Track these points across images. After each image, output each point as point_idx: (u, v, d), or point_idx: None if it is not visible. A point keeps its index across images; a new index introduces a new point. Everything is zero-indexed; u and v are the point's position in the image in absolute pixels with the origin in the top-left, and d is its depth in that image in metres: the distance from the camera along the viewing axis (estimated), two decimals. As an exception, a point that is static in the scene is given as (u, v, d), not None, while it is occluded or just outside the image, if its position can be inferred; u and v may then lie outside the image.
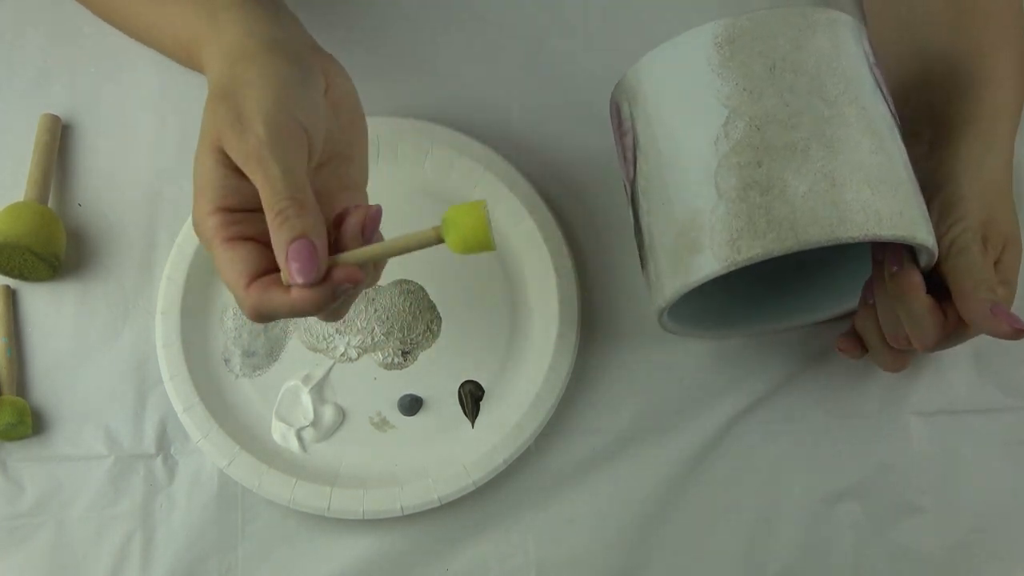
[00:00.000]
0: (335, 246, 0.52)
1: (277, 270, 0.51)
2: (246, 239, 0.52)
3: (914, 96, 0.68)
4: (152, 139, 0.77)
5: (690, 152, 0.59)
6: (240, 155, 0.51)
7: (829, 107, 0.57)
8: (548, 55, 0.80)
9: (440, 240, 0.51)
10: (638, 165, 0.62)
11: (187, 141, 0.76)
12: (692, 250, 0.57)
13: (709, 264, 0.57)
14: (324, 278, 0.50)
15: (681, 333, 0.69)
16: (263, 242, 0.52)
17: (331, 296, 0.50)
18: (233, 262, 0.51)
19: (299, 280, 0.49)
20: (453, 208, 0.50)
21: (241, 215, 0.52)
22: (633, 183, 0.63)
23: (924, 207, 0.59)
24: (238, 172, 0.52)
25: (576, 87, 0.79)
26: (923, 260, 0.60)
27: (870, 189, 0.56)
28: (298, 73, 0.54)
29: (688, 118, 0.59)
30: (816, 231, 0.54)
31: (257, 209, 0.51)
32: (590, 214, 0.76)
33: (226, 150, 0.51)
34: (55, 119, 0.75)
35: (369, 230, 0.53)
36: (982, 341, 0.73)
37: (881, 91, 0.60)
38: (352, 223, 0.52)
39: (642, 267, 0.65)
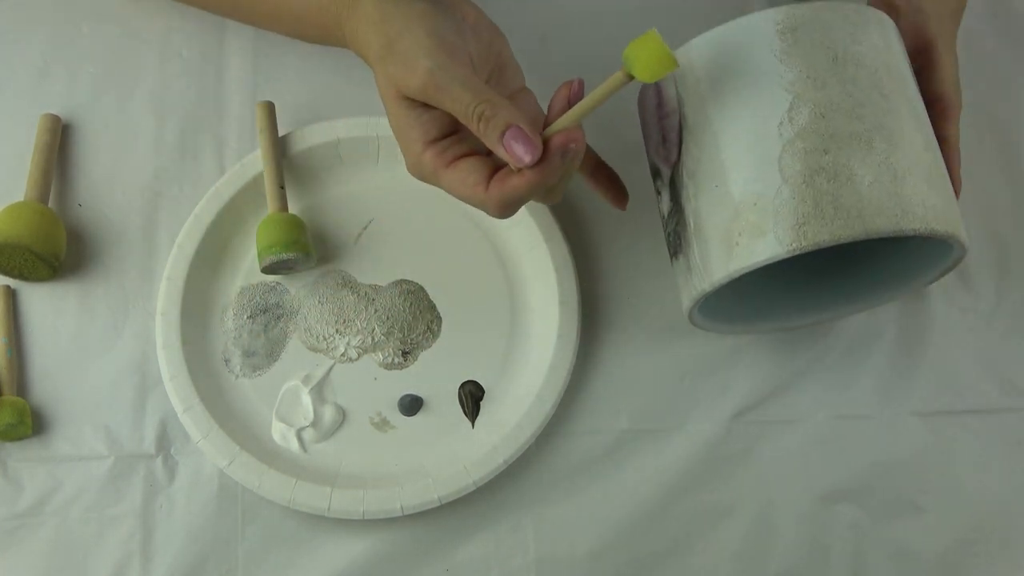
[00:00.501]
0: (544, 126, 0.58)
1: (501, 170, 0.56)
2: (463, 156, 0.57)
3: None
4: (152, 139, 0.77)
5: (751, 135, 0.58)
6: (420, 90, 0.56)
7: (887, 101, 0.58)
8: (549, 55, 0.80)
9: (630, 78, 0.54)
10: (685, 146, 0.61)
11: (187, 141, 0.76)
12: (752, 233, 0.57)
13: (772, 247, 0.56)
14: (545, 151, 0.54)
15: (705, 327, 0.69)
16: (479, 153, 0.57)
17: (559, 163, 0.55)
18: (463, 176, 0.56)
19: (526, 159, 0.54)
20: (630, 45, 0.54)
21: (448, 141, 0.58)
22: (676, 165, 0.62)
23: (956, 205, 0.60)
24: (427, 106, 0.57)
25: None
26: (955, 254, 0.61)
27: (927, 185, 0.57)
28: (438, 11, 0.59)
29: (750, 101, 0.59)
30: (882, 221, 0.55)
31: (459, 131, 0.58)
32: (590, 214, 0.76)
33: (407, 94, 0.57)
34: (55, 119, 0.75)
35: (576, 99, 0.57)
36: (981, 342, 0.74)
37: (919, 87, 0.62)
38: (558, 98, 0.58)
39: (673, 255, 0.64)
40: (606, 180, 0.68)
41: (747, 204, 0.58)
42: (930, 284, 0.66)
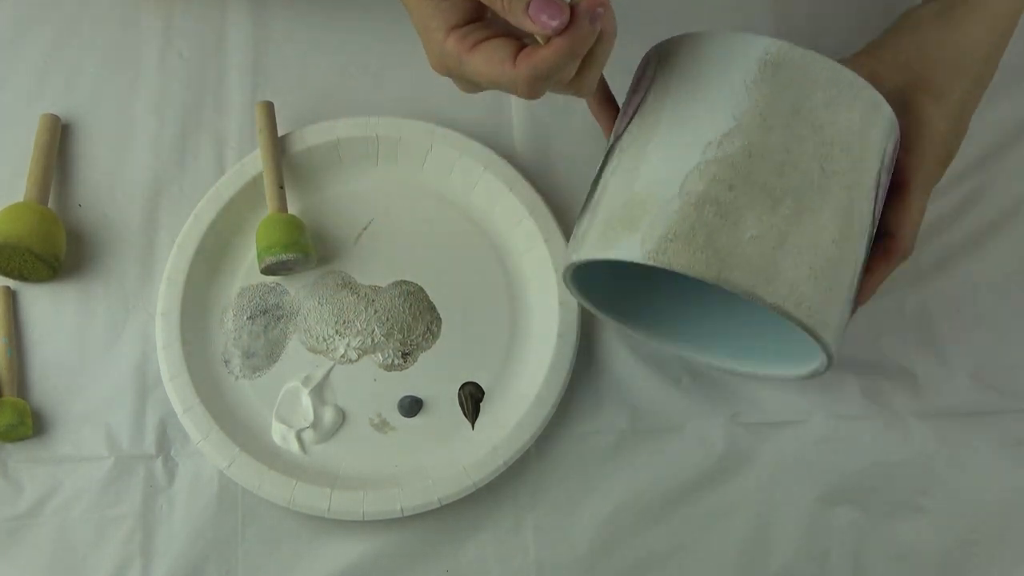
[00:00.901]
0: None
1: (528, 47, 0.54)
2: (487, 39, 0.54)
3: None
4: (152, 139, 0.77)
5: (680, 141, 0.58)
6: None
7: (823, 177, 0.56)
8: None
9: None
10: (632, 123, 0.61)
11: (187, 141, 0.76)
12: (626, 227, 0.56)
13: (632, 249, 0.56)
14: (573, 17, 0.51)
15: (582, 302, 0.68)
16: (502, 35, 0.54)
17: (587, 29, 0.51)
18: (488, 56, 0.54)
19: (553, 23, 0.51)
20: None
21: (470, 27, 0.55)
22: (619, 138, 0.62)
23: (845, 319, 0.59)
24: None
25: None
26: (820, 363, 0.60)
27: (809, 271, 0.55)
28: None
29: (698, 110, 0.58)
30: (739, 277, 0.54)
31: (482, 18, 0.55)
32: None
33: None
34: (55, 119, 0.75)
35: None
36: (982, 344, 0.74)
37: (876, 195, 0.60)
38: None
39: (578, 216, 0.63)
40: (610, 114, 0.66)
41: (640, 198, 0.57)
42: (801, 379, 0.66)
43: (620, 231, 0.57)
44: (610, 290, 0.68)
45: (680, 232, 0.55)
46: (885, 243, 0.62)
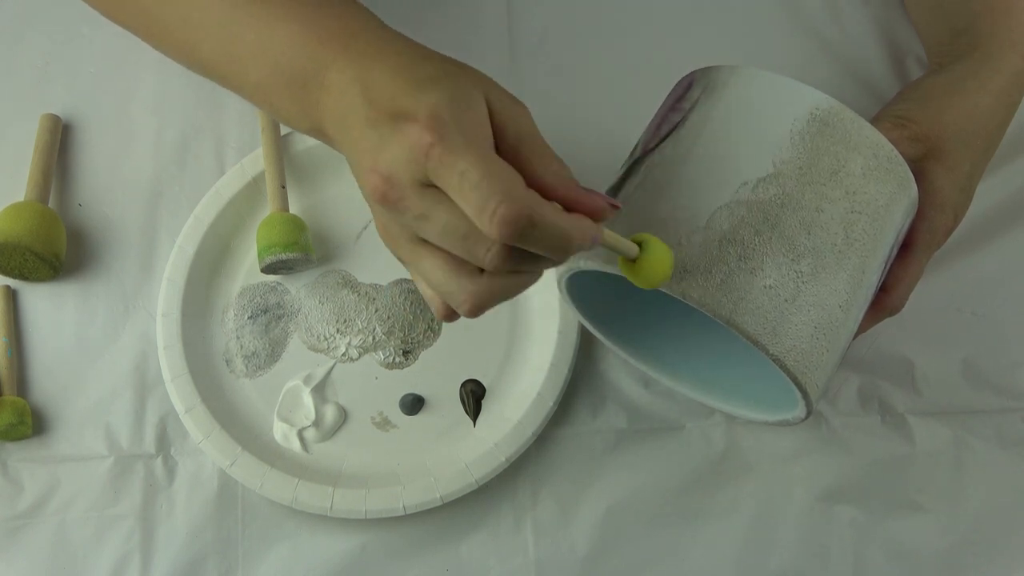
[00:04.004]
0: None
1: None
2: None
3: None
4: (152, 139, 0.77)
5: (715, 174, 0.57)
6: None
7: (845, 243, 0.56)
8: (550, 55, 0.80)
9: (631, 259, 0.51)
10: (665, 143, 0.60)
11: (187, 141, 0.76)
12: None
13: None
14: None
15: (569, 304, 0.67)
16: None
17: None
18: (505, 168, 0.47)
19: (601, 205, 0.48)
20: (655, 249, 0.51)
21: None
22: (649, 153, 0.61)
23: (830, 375, 0.58)
24: None
25: (578, 87, 0.79)
26: (797, 411, 0.60)
27: (813, 330, 0.55)
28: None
29: (738, 147, 0.57)
30: (748, 323, 0.54)
31: None
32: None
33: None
34: (55, 119, 0.75)
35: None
36: (981, 343, 0.74)
37: (884, 268, 0.60)
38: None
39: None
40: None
41: (663, 222, 0.56)
42: (768, 424, 0.66)
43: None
44: (597, 298, 0.68)
45: (699, 266, 0.54)
46: (877, 296, 0.62)
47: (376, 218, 0.51)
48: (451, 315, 0.51)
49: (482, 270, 0.47)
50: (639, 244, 0.51)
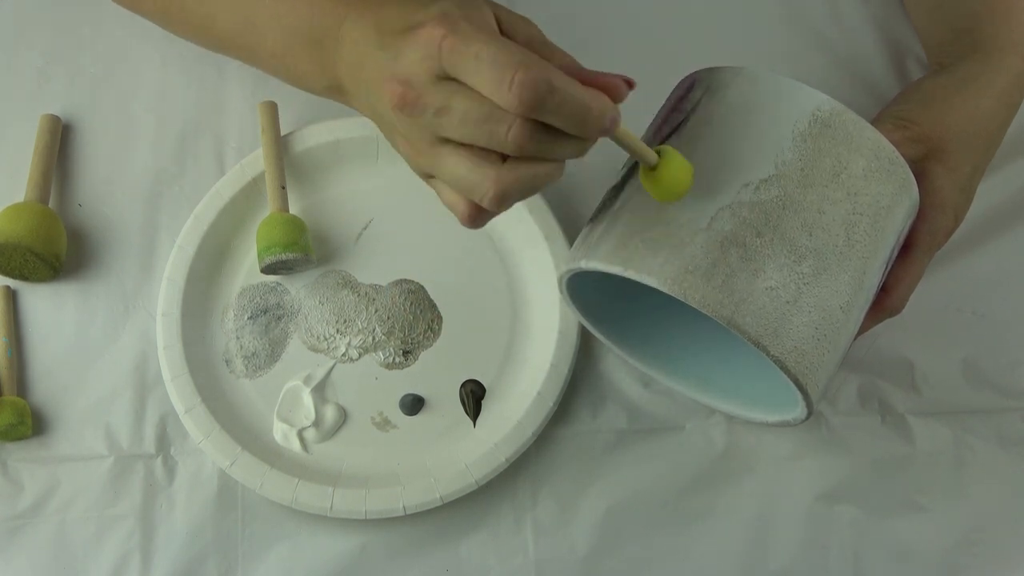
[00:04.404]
0: None
1: None
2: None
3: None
4: (152, 140, 0.77)
5: (717, 174, 0.57)
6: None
7: (847, 244, 0.56)
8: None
9: (651, 167, 0.54)
10: (668, 143, 0.59)
11: (187, 141, 0.76)
12: (648, 248, 0.56)
13: (649, 272, 0.55)
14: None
15: (569, 304, 0.67)
16: None
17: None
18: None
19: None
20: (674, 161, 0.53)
21: None
22: None
23: (830, 376, 0.59)
24: None
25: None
26: (797, 412, 0.60)
27: (814, 331, 0.55)
28: None
29: (740, 149, 0.57)
30: (750, 324, 0.54)
31: None
32: (590, 212, 0.76)
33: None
34: (55, 119, 0.75)
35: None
36: (981, 343, 0.74)
37: (885, 269, 0.60)
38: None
39: (591, 219, 0.62)
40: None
41: (664, 222, 0.56)
42: (767, 425, 0.66)
43: (638, 251, 0.56)
44: (597, 298, 0.68)
45: (700, 267, 0.54)
46: (878, 297, 0.62)
47: (397, 135, 0.52)
48: (476, 215, 0.52)
49: (504, 159, 0.49)
50: (659, 154, 0.53)
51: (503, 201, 0.49)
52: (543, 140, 0.48)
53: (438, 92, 0.48)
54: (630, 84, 0.50)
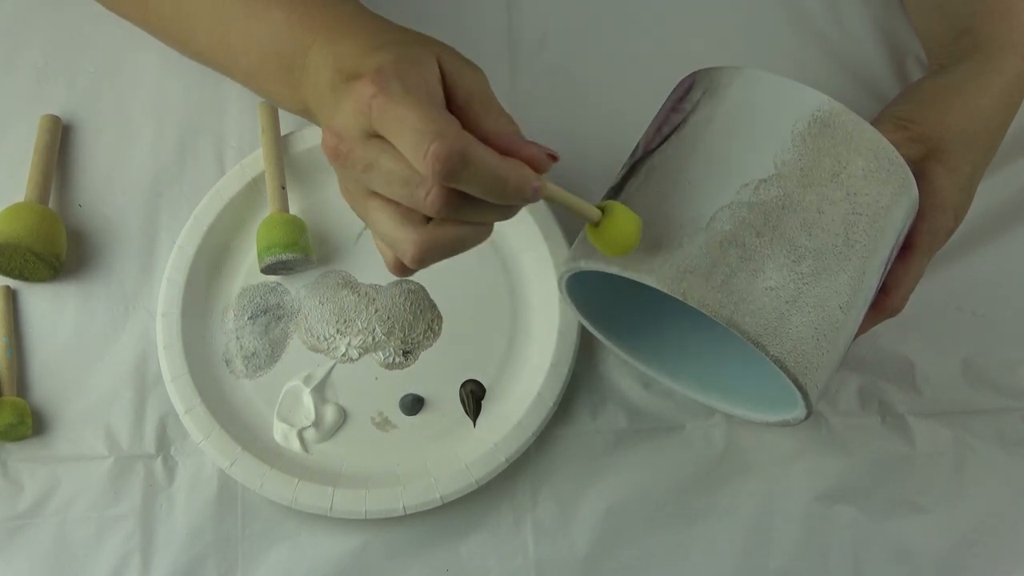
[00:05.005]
0: None
1: None
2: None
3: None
4: (152, 139, 0.77)
5: (716, 175, 0.57)
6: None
7: (846, 244, 0.56)
8: (550, 55, 0.80)
9: (594, 222, 0.53)
10: (667, 144, 0.60)
11: (187, 141, 0.76)
12: (646, 249, 0.56)
13: (649, 273, 0.55)
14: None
15: (569, 304, 0.67)
16: None
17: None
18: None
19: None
20: (620, 216, 0.53)
21: None
22: (650, 153, 0.61)
23: (830, 375, 0.58)
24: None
25: (578, 87, 0.79)
26: (797, 412, 0.61)
27: (814, 331, 0.55)
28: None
29: (740, 149, 0.57)
30: (749, 324, 0.54)
31: None
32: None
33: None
34: (55, 119, 0.75)
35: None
36: (981, 343, 0.74)
37: (885, 270, 0.60)
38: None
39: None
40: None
41: (664, 223, 0.56)
42: (767, 424, 0.66)
43: (641, 251, 0.56)
44: (597, 298, 0.68)
45: (700, 267, 0.54)
46: (878, 297, 0.62)
47: (339, 179, 0.53)
48: (400, 267, 0.53)
49: (429, 220, 0.49)
50: (602, 210, 0.53)
51: (423, 261, 0.50)
52: (462, 206, 0.48)
53: (366, 149, 0.48)
54: (554, 158, 0.50)
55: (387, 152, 0.48)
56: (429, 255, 0.50)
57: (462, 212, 0.49)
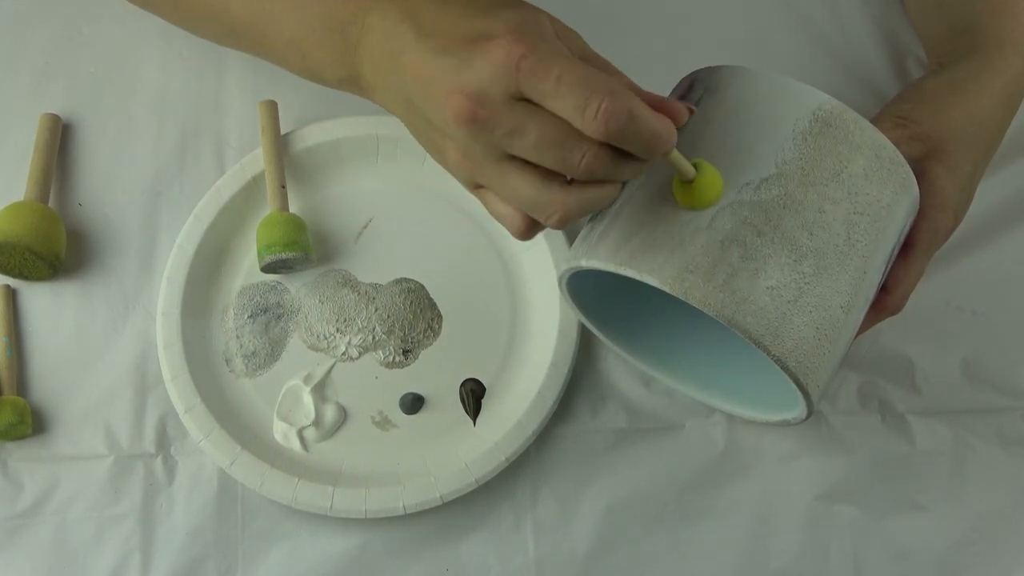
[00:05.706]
0: None
1: None
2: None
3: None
4: (152, 139, 0.77)
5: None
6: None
7: (847, 244, 0.56)
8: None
9: (687, 181, 0.54)
10: None
11: (187, 141, 0.76)
12: (648, 248, 0.56)
13: (650, 272, 0.55)
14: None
15: (570, 303, 0.67)
16: None
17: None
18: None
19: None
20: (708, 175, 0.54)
21: None
22: None
23: (831, 375, 0.58)
24: None
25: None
26: (797, 411, 0.60)
27: (815, 331, 0.55)
28: None
29: (740, 148, 0.57)
30: (751, 323, 0.54)
31: None
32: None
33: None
34: (55, 119, 0.75)
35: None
36: (981, 342, 0.74)
37: (886, 269, 0.60)
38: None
39: (591, 218, 0.61)
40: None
41: (665, 222, 0.56)
42: (768, 424, 0.66)
43: (639, 250, 0.56)
44: (597, 298, 0.68)
45: (701, 266, 0.54)
46: (878, 296, 0.62)
47: (448, 143, 0.52)
48: (531, 230, 0.52)
49: (570, 181, 0.49)
50: (695, 167, 0.54)
51: (567, 222, 0.50)
52: (611, 164, 0.48)
53: (513, 112, 0.47)
54: (691, 110, 0.51)
55: (537, 115, 0.47)
56: (573, 216, 0.50)
57: (608, 171, 0.48)
